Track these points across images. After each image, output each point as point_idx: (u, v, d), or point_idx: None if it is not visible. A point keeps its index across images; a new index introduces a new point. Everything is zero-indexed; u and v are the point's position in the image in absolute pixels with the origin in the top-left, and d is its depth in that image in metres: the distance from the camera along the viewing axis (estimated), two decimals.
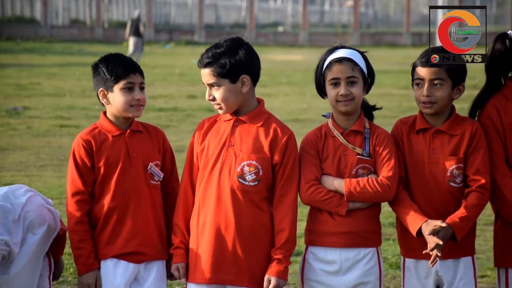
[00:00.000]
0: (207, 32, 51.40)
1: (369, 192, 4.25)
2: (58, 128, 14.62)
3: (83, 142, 4.35)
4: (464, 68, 4.43)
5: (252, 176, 4.20)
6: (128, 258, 4.35)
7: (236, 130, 4.25)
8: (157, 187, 4.42)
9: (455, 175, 4.35)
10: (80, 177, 4.34)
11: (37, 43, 44.90)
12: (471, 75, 4.34)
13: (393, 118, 4.61)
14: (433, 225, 4.23)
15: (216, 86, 4.22)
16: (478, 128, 4.39)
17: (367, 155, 4.32)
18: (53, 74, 25.93)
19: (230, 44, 4.23)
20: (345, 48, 4.39)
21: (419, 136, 4.41)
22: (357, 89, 4.30)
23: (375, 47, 44.49)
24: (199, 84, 22.97)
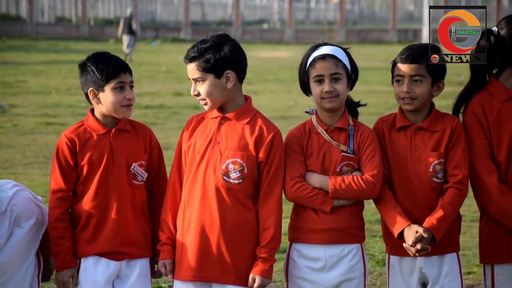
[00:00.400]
0: (193, 29, 51.34)
1: (354, 190, 4.26)
2: (44, 126, 14.58)
3: (67, 141, 4.34)
4: (444, 65, 4.45)
5: (236, 174, 4.20)
6: (109, 256, 4.35)
7: (222, 128, 4.25)
8: (140, 187, 4.41)
9: (437, 171, 4.37)
10: (62, 175, 4.34)
11: (22, 40, 44.75)
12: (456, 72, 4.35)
13: (379, 115, 4.60)
14: (414, 232, 4.25)
15: (200, 81, 4.22)
16: (458, 124, 4.41)
17: (352, 152, 4.33)
18: (39, 72, 25.86)
19: (216, 39, 4.23)
20: (328, 45, 4.39)
21: (400, 134, 4.42)
22: (341, 86, 4.31)
23: (361, 44, 44.58)
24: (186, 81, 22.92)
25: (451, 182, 4.35)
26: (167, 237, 4.30)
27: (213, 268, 4.20)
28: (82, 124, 4.39)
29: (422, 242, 4.23)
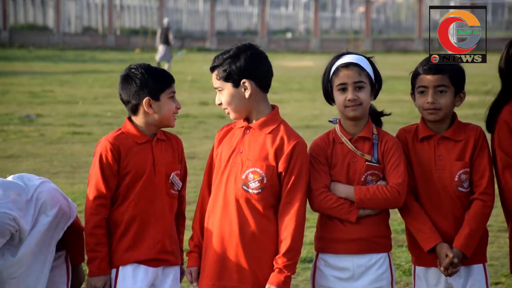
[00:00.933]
0: (218, 39, 51.51)
1: (379, 199, 4.25)
2: (71, 135, 14.66)
3: (110, 146, 4.33)
4: (464, 75, 4.44)
5: (255, 184, 4.18)
6: (148, 263, 4.36)
7: (245, 137, 4.26)
8: (175, 196, 4.46)
9: (463, 180, 4.36)
10: (104, 181, 4.33)
11: (49, 50, 45.09)
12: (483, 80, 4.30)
13: (405, 124, 4.57)
14: (444, 255, 4.27)
15: (220, 90, 4.26)
16: (482, 133, 4.41)
17: (376, 162, 4.31)
18: (66, 82, 26.03)
19: (236, 49, 4.25)
20: (351, 53, 4.39)
21: (423, 144, 4.41)
22: (365, 94, 4.30)
23: (387, 53, 44.48)
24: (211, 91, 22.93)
25: (477, 193, 4.34)
26: (194, 245, 4.33)
27: (231, 277, 4.21)
28: (122, 132, 4.39)
29: (452, 265, 4.27)
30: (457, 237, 4.31)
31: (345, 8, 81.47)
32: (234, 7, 71.85)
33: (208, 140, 13.18)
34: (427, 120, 4.42)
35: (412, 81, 4.45)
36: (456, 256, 4.28)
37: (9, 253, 4.23)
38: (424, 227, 4.33)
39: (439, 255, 4.31)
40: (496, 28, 58.87)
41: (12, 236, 4.18)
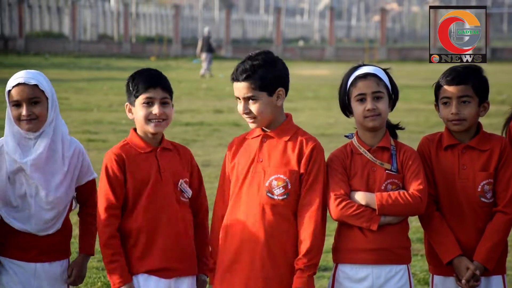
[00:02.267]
0: (234, 47, 51.57)
1: (400, 205, 4.22)
2: (86, 142, 14.67)
3: (115, 157, 4.35)
4: (487, 85, 4.41)
5: (280, 190, 4.19)
6: (159, 274, 4.34)
7: (264, 146, 4.25)
8: (186, 204, 4.43)
9: (486, 191, 4.34)
10: (113, 191, 4.33)
11: (65, 58, 45.26)
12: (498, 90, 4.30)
13: (420, 133, 4.58)
14: (465, 268, 4.27)
15: (253, 100, 4.21)
16: (507, 144, 4.38)
17: (395, 171, 4.30)
18: (81, 89, 26.11)
19: (265, 57, 4.23)
20: (368, 65, 4.38)
21: (447, 152, 4.39)
22: (383, 105, 4.29)
23: (402, 62, 44.40)
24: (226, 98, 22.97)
25: (500, 205, 4.33)
26: (214, 262, 4.31)
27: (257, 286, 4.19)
28: (127, 143, 4.41)
29: (474, 278, 4.26)
30: (478, 250, 4.29)
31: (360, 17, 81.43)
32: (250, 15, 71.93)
33: (222, 148, 13.14)
34: (452, 130, 4.40)
35: (436, 92, 4.43)
36: (478, 269, 4.27)
37: None
38: (444, 239, 4.32)
39: (458, 268, 4.29)
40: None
41: None
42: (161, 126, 4.34)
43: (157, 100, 4.33)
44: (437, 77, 4.53)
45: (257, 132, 4.29)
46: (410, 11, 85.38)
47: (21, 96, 4.44)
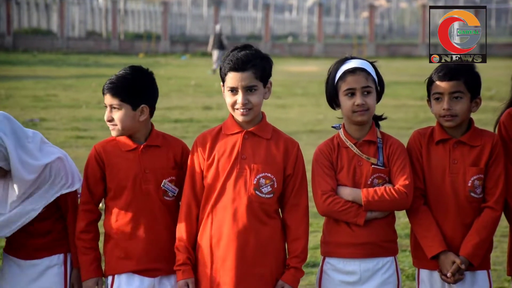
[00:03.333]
0: None
1: (387, 201, 4.24)
2: (75, 139, 14.67)
3: (95, 153, 4.36)
4: (479, 81, 4.43)
5: (268, 189, 4.20)
6: (143, 273, 4.34)
7: (246, 143, 4.23)
8: (171, 203, 4.39)
9: (476, 186, 4.36)
10: (88, 187, 4.36)
11: (53, 55, 45.14)
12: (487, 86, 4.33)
13: (409, 129, 4.59)
14: (451, 262, 4.28)
15: (253, 90, 4.18)
16: (498, 141, 4.40)
17: (382, 165, 4.32)
18: (70, 86, 26.05)
19: (256, 49, 4.22)
20: (355, 58, 4.38)
21: (438, 147, 4.41)
22: (372, 99, 4.30)
23: (390, 58, 44.46)
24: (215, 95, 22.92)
25: (490, 202, 4.34)
26: (186, 257, 4.25)
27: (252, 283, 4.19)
28: (114, 139, 4.40)
29: (459, 272, 4.28)
30: (465, 245, 4.31)
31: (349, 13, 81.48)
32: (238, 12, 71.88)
33: None
34: (444, 126, 4.41)
35: (428, 87, 4.44)
36: (463, 263, 4.28)
37: None
38: (429, 234, 4.33)
39: (443, 263, 4.31)
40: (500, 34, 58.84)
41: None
42: (115, 130, 4.31)
43: (109, 107, 4.30)
44: (425, 74, 4.54)
45: (234, 128, 4.25)
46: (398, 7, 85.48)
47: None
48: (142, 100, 4.31)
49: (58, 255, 4.51)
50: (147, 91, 4.35)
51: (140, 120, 4.30)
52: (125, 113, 4.27)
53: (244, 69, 4.15)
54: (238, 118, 4.22)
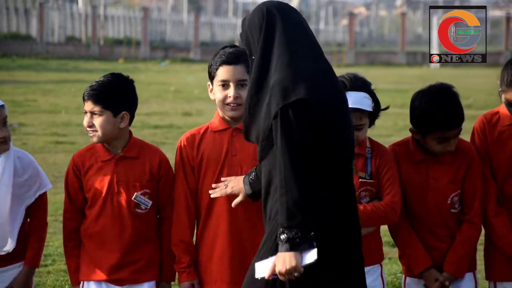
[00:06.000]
0: (202, 49, 51.49)
1: (376, 218, 4.25)
2: (54, 144, 14.61)
3: (73, 163, 4.40)
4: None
5: None
6: (111, 282, 4.35)
7: (235, 140, 4.23)
8: (143, 215, 4.36)
9: (455, 202, 4.39)
10: (68, 196, 4.41)
11: (32, 59, 44.93)
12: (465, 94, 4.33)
13: (388, 136, 4.59)
14: (434, 279, 4.32)
15: (244, 86, 4.17)
16: (474, 153, 4.41)
17: (369, 177, 4.31)
18: (49, 91, 25.94)
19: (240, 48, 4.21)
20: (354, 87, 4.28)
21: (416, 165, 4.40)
22: (363, 133, 4.31)
23: (370, 66, 44.58)
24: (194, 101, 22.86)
25: (468, 215, 4.37)
26: (189, 259, 4.26)
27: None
28: (92, 147, 4.40)
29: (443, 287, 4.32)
30: (448, 261, 4.34)
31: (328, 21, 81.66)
32: (218, 18, 71.86)
33: None
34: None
35: (421, 123, 4.32)
36: (447, 280, 4.33)
37: None
38: (413, 252, 4.37)
39: (427, 279, 4.35)
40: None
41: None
42: (95, 136, 4.30)
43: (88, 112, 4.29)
44: (405, 81, 4.56)
45: (221, 126, 4.25)
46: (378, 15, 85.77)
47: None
48: (123, 107, 4.30)
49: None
50: (128, 98, 4.34)
51: (120, 127, 4.29)
52: (106, 119, 4.26)
53: (236, 62, 4.17)
54: (228, 113, 4.22)
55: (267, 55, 3.61)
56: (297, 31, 3.65)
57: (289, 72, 3.54)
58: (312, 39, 3.68)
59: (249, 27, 3.70)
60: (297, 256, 3.42)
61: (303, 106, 3.47)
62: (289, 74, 3.53)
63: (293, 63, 3.56)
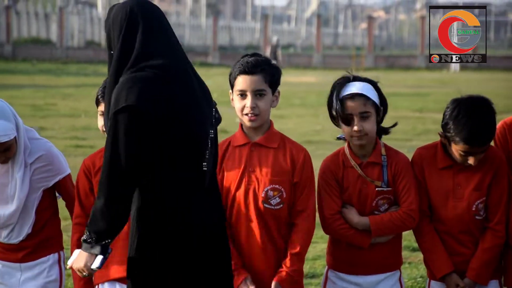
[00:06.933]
0: (221, 53, 51.57)
1: (394, 226, 4.26)
2: (74, 148, 14.67)
3: (84, 165, 4.41)
4: None
5: (276, 200, 4.19)
6: (123, 281, 4.30)
7: (253, 155, 4.23)
8: None
9: (480, 208, 4.36)
10: (79, 200, 4.39)
11: (52, 64, 45.16)
12: None
13: (407, 141, 4.56)
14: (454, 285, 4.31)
15: (262, 95, 4.18)
16: (503, 160, 4.38)
17: (386, 186, 4.30)
18: (69, 95, 26.06)
19: (265, 57, 4.22)
20: (356, 79, 4.32)
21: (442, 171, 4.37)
22: (370, 124, 4.26)
23: (389, 69, 44.49)
24: None
25: (491, 222, 4.34)
26: (234, 263, 4.24)
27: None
28: (102, 150, 4.40)
29: None
30: (470, 268, 4.32)
31: (347, 25, 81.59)
32: (237, 22, 71.96)
33: None
34: None
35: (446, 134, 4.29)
36: (468, 285, 4.31)
37: None
38: (436, 256, 4.35)
39: (448, 284, 4.34)
40: (499, 46, 58.90)
41: None
42: None
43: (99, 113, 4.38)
44: (424, 85, 4.54)
45: (242, 140, 4.26)
46: (397, 19, 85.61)
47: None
48: None
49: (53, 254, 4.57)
50: None
51: None
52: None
53: (254, 72, 4.16)
54: (246, 123, 4.22)
55: (125, 53, 3.67)
56: (157, 32, 3.72)
57: (130, 77, 3.61)
58: (171, 40, 3.79)
59: (113, 22, 3.74)
60: (87, 257, 3.60)
61: (133, 113, 3.54)
62: (129, 79, 3.60)
63: (143, 64, 3.63)
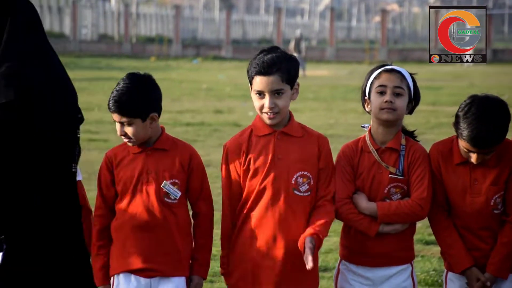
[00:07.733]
0: (234, 47, 51.59)
1: (401, 214, 4.23)
2: (87, 142, 14.70)
3: (106, 158, 4.40)
4: None
5: (305, 187, 4.20)
6: (139, 273, 4.32)
7: (280, 143, 4.23)
8: (173, 205, 4.34)
9: (498, 203, 4.33)
10: (100, 192, 4.39)
11: (66, 57, 45.20)
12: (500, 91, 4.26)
13: (420, 134, 4.53)
14: (475, 279, 4.29)
15: (280, 94, 4.17)
16: None
17: (401, 174, 4.29)
18: (82, 89, 26.10)
19: (282, 51, 4.22)
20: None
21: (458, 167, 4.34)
22: (402, 101, 4.27)
23: (402, 63, 44.39)
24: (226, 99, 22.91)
25: (510, 215, 4.31)
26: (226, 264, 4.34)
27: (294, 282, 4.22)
28: (125, 143, 4.42)
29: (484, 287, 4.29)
30: (490, 262, 4.30)
31: (360, 18, 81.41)
32: (250, 16, 71.95)
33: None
34: None
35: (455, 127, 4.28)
36: (489, 280, 4.29)
37: None
38: (455, 251, 4.34)
39: (469, 278, 4.32)
40: None
41: None
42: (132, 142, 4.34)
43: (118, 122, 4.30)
44: (437, 78, 4.53)
45: (266, 130, 4.25)
46: (410, 12, 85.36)
47: None
48: (149, 109, 4.30)
49: None
50: (152, 99, 4.34)
51: (152, 127, 4.32)
52: (136, 127, 4.28)
53: (270, 73, 4.14)
54: (266, 121, 4.23)
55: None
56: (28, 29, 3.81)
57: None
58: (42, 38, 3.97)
59: None
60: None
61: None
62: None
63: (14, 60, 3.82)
